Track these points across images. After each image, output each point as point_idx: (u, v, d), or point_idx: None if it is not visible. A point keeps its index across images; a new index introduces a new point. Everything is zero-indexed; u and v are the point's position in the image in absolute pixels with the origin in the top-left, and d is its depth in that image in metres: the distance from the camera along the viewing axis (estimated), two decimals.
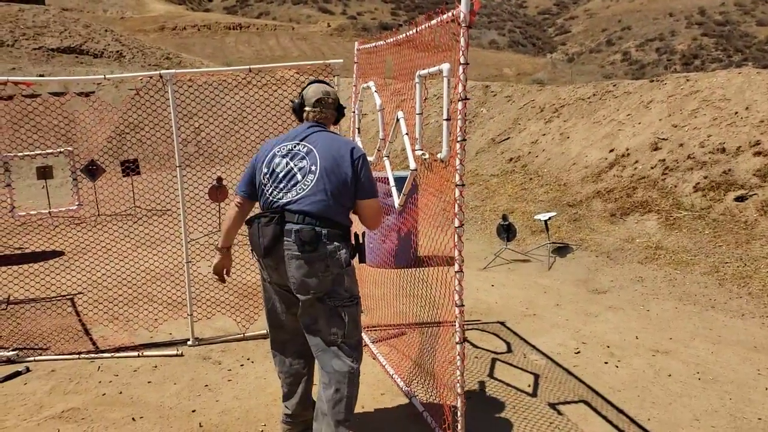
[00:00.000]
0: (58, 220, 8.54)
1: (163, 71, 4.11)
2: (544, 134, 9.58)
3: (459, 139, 2.37)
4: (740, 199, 6.07)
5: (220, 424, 3.19)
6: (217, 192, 7.51)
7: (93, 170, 9.30)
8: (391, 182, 3.45)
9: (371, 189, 2.65)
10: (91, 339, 4.43)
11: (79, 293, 5.28)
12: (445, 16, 2.33)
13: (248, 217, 2.68)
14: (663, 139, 7.41)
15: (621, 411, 3.22)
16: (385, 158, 3.50)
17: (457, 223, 2.50)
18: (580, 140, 8.77)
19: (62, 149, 8.18)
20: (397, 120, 3.17)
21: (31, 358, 4.08)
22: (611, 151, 8.01)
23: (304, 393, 2.87)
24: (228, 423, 3.19)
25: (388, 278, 4.64)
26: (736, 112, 7.04)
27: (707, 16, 76.71)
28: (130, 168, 9.54)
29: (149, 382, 3.71)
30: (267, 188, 2.63)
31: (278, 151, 2.67)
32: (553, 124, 9.62)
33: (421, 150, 2.92)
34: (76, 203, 8.17)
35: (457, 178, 2.44)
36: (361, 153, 2.67)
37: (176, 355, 4.10)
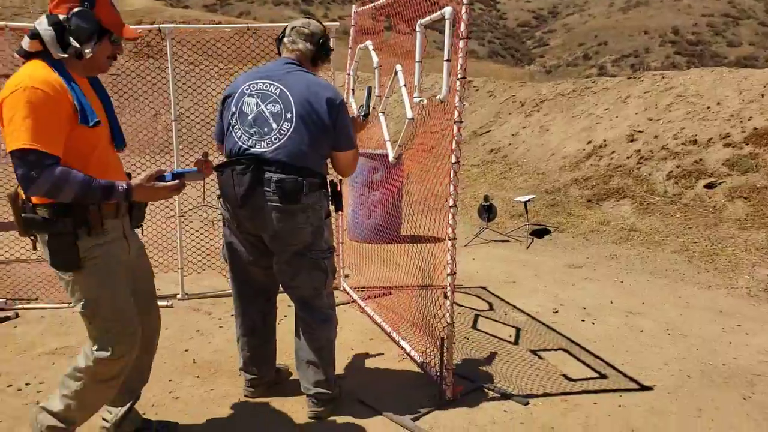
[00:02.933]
0: None
1: (162, 25, 4.18)
2: (524, 127, 9.85)
3: (459, 76, 2.52)
4: (710, 186, 6.38)
5: (213, 361, 3.28)
6: (203, 165, 7.54)
7: None
8: (386, 137, 3.59)
9: (350, 139, 2.49)
10: None
11: None
12: None
13: (218, 164, 2.44)
14: (639, 131, 7.72)
15: (597, 357, 3.41)
16: (381, 114, 3.64)
17: (453, 159, 2.65)
18: (559, 133, 9.05)
19: None
20: (395, 73, 3.32)
21: (20, 306, 4.10)
22: (589, 142, 8.30)
23: (272, 353, 2.78)
24: (221, 360, 3.28)
25: (373, 250, 4.75)
26: (708, 107, 7.39)
27: (680, 35, 79.16)
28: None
29: None
30: (236, 131, 2.41)
31: (247, 90, 2.44)
32: (534, 118, 9.90)
33: (419, 97, 3.06)
34: None
35: (456, 114, 2.60)
36: (340, 99, 2.44)
37: (166, 306, 4.16)
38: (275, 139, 2.34)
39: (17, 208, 1.98)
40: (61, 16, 1.91)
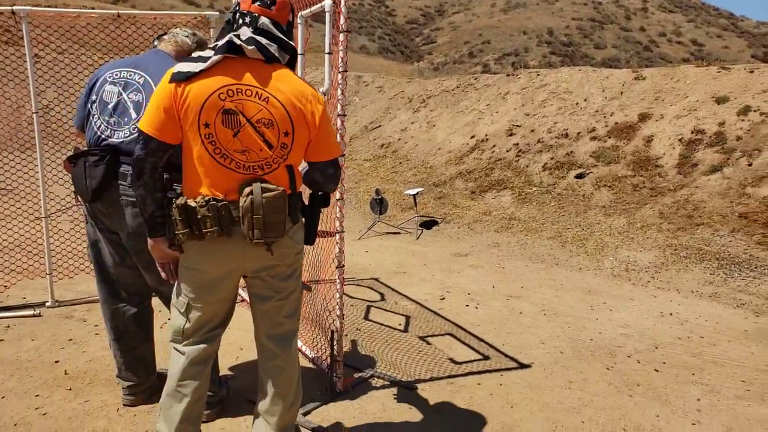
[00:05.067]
0: None
1: (16, 7, 3.79)
2: (412, 122, 10.11)
3: (341, 69, 2.53)
4: (579, 176, 6.93)
5: (89, 371, 3.04)
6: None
7: None
8: None
9: None
10: None
11: None
12: None
13: (72, 153, 2.26)
14: (517, 126, 8.21)
15: (481, 339, 3.59)
16: None
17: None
18: (444, 128, 9.39)
19: None
20: None
21: None
22: (472, 137, 8.69)
23: (150, 357, 2.64)
24: (98, 370, 3.06)
25: None
26: (577, 103, 8.02)
27: (555, 36, 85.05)
28: None
29: (1, 341, 3.42)
30: (95, 119, 2.27)
31: (110, 77, 2.30)
32: (421, 114, 10.19)
33: None
34: None
35: (339, 108, 2.60)
36: None
37: (33, 316, 3.80)
38: (134, 130, 2.18)
39: (286, 203, 1.88)
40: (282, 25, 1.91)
